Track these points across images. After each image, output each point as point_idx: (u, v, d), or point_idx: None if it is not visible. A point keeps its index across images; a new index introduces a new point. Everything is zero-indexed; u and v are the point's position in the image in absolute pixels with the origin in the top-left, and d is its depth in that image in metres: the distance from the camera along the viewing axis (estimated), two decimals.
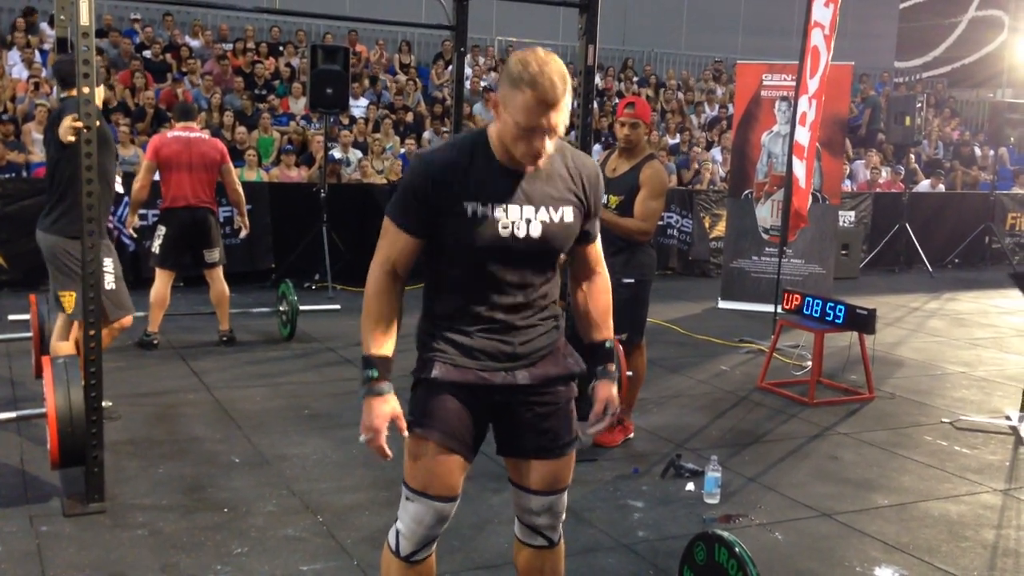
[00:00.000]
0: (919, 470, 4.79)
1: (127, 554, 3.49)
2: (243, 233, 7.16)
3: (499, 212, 2.39)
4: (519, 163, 2.39)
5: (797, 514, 4.15)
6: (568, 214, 2.46)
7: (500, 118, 2.37)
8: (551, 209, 2.44)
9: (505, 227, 2.39)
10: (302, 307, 7.16)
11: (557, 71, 2.29)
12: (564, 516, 2.66)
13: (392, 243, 2.43)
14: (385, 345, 2.41)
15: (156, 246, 6.69)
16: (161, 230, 6.70)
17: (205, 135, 6.86)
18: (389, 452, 2.39)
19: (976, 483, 4.63)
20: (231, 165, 6.87)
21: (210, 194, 6.72)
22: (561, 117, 2.32)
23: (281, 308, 7.16)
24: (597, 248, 2.65)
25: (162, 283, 6.66)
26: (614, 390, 2.64)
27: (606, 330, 2.66)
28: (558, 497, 2.62)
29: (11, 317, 5.68)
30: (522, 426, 2.56)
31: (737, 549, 2.79)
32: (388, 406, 2.39)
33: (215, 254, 6.77)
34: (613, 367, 2.65)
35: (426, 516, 2.46)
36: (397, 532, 2.52)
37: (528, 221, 2.41)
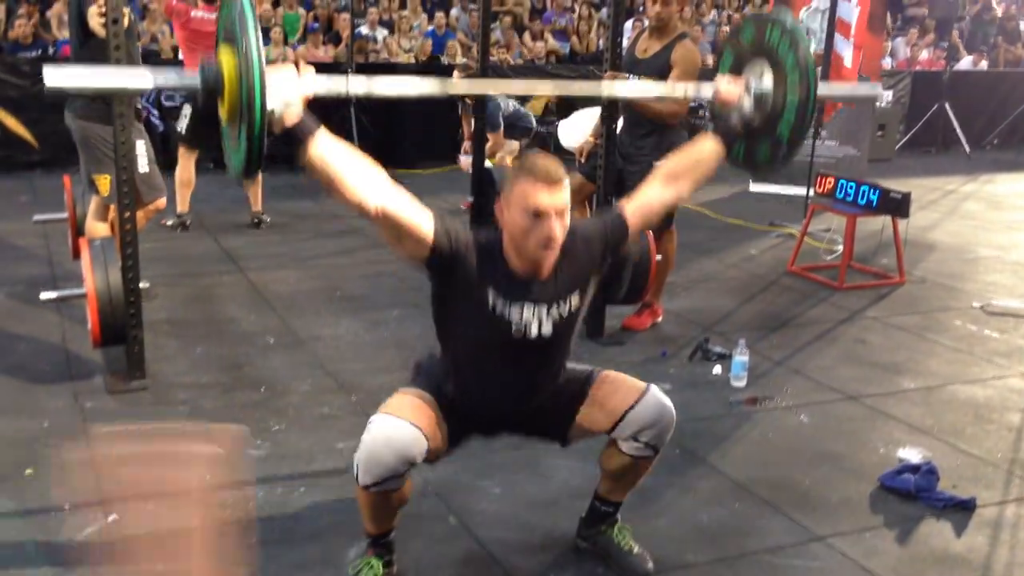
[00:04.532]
0: (947, 354, 4.81)
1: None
2: None
3: (515, 314, 2.46)
4: (531, 268, 2.44)
5: (823, 397, 4.20)
6: (575, 299, 2.53)
7: (506, 224, 2.42)
8: (560, 304, 2.51)
9: (518, 331, 2.47)
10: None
11: (550, 160, 2.40)
12: (670, 423, 2.67)
13: (408, 204, 2.36)
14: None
15: (183, 125, 6.72)
16: (187, 109, 6.71)
17: None
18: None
19: (1004, 367, 4.64)
20: None
21: None
22: (564, 197, 2.37)
23: None
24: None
25: (186, 162, 6.70)
26: None
27: None
28: (642, 405, 2.62)
29: (36, 217, 5.68)
30: (542, 422, 2.72)
31: (789, 24, 2.69)
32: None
33: None
34: None
35: (381, 439, 2.38)
36: (356, 463, 2.44)
37: (540, 324, 2.48)
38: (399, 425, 2.40)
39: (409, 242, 2.38)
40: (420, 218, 2.37)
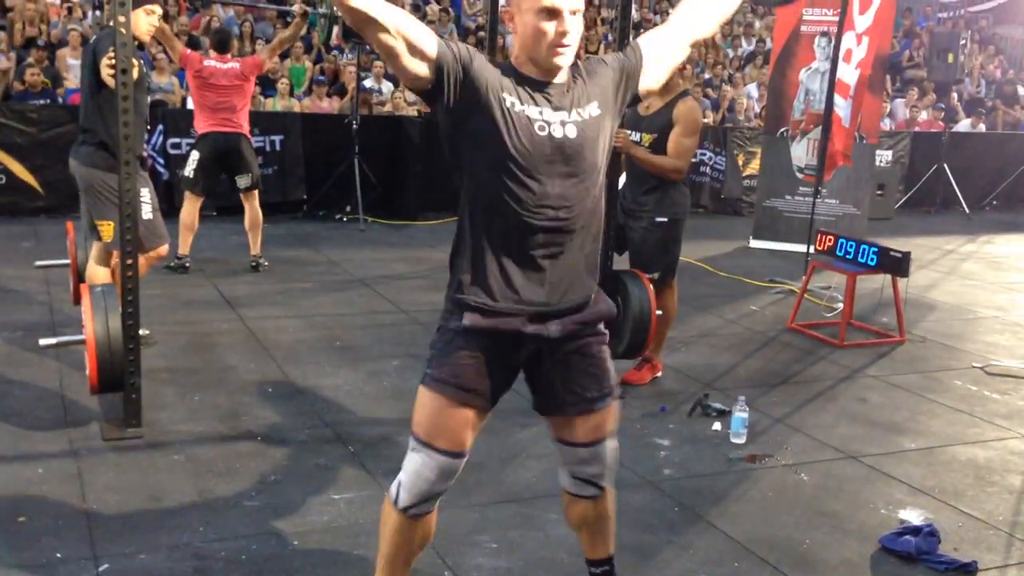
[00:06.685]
0: (947, 414, 4.78)
1: (164, 478, 3.59)
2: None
3: (534, 111, 2.36)
4: (545, 74, 2.38)
5: (823, 455, 4.17)
6: (594, 108, 2.43)
7: (516, 28, 2.36)
8: (579, 110, 2.41)
9: (542, 127, 2.35)
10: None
11: None
12: (616, 463, 2.65)
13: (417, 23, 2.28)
14: None
15: (189, 170, 6.84)
16: (194, 155, 6.85)
17: (237, 64, 6.88)
18: None
19: (1005, 428, 4.62)
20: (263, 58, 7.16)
21: (241, 120, 6.85)
22: None
23: (320, 10, 7.51)
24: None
25: (191, 207, 6.86)
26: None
27: None
28: (604, 444, 2.60)
29: (38, 262, 5.68)
30: (556, 383, 2.54)
31: None
32: None
33: (247, 179, 6.90)
34: None
35: (428, 469, 2.43)
36: (399, 483, 2.48)
37: (563, 123, 2.37)
38: (441, 460, 2.42)
39: (414, 55, 2.27)
40: (426, 34, 2.30)
